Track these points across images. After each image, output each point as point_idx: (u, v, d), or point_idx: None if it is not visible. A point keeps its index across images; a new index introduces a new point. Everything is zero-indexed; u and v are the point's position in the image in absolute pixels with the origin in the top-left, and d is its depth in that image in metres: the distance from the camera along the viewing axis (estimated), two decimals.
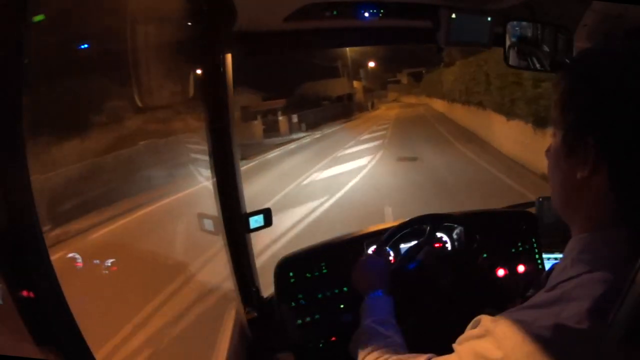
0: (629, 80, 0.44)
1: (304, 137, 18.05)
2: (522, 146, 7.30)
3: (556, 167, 0.52)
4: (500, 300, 1.01)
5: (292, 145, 15.37)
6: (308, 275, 1.21)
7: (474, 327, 0.51)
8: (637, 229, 0.45)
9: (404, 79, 59.54)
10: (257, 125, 19.23)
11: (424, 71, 52.09)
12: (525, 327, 0.44)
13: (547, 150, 0.55)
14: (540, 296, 0.48)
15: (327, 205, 6.08)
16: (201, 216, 1.16)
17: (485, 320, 0.49)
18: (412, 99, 48.50)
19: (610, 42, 0.52)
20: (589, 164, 0.46)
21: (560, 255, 0.52)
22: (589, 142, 0.46)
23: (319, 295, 1.18)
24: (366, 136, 15.02)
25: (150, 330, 1.85)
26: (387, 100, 54.78)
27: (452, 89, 16.17)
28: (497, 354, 0.45)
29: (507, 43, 1.07)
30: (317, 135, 18.39)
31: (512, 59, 1.09)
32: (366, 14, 1.02)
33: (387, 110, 32.85)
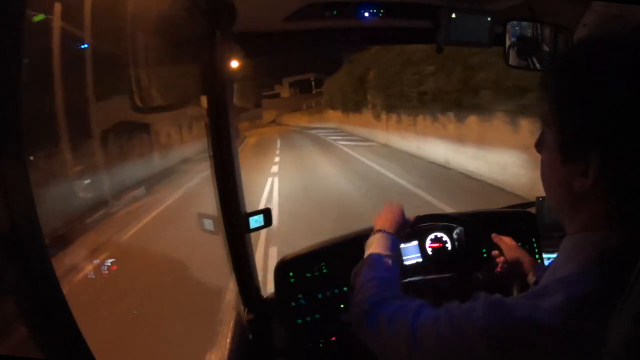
0: (633, 80, 0.41)
1: None
2: None
3: (552, 171, 0.50)
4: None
5: None
6: (308, 275, 1.21)
7: (472, 299, 0.52)
8: (630, 233, 0.44)
9: (285, 90, 42.90)
10: None
11: (312, 78, 38.16)
12: (505, 312, 0.45)
13: (537, 146, 0.53)
14: (530, 290, 0.50)
15: None
16: (201, 216, 1.16)
17: (481, 294, 0.51)
18: (301, 119, 31.43)
19: (610, 36, 0.46)
20: (590, 175, 0.44)
21: None
22: (590, 153, 0.43)
23: (319, 295, 1.18)
24: None
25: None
26: (261, 122, 38.29)
27: None
28: (476, 323, 0.46)
29: (507, 43, 1.07)
30: None
31: (512, 58, 1.09)
32: (366, 14, 1.02)
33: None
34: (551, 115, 0.48)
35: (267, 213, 1.15)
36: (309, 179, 8.16)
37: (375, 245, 0.84)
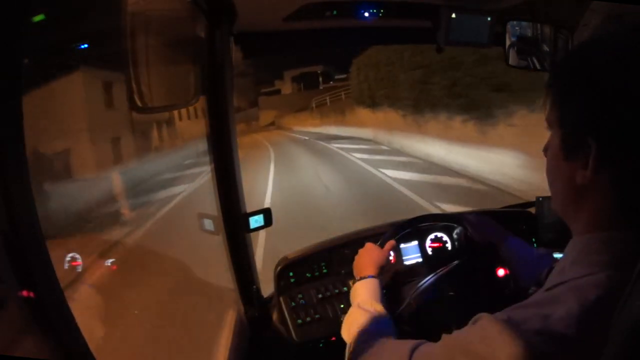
0: (629, 75, 0.42)
1: None
2: None
3: (555, 169, 0.50)
4: (501, 300, 1.01)
5: None
6: (308, 275, 1.21)
7: (472, 323, 0.51)
8: (637, 231, 0.44)
9: (287, 86, 36.54)
10: None
11: (319, 71, 32.64)
12: (514, 328, 0.44)
13: (545, 150, 0.54)
14: (537, 295, 0.48)
15: None
16: (201, 216, 1.16)
17: (482, 317, 0.49)
18: (309, 121, 22.62)
19: (608, 36, 0.49)
20: (589, 167, 0.44)
21: (560, 255, 0.52)
22: (589, 143, 0.44)
23: (319, 295, 1.18)
24: None
25: None
26: (258, 124, 31.98)
27: None
28: (481, 350, 0.45)
29: (507, 43, 1.07)
30: None
31: (512, 58, 1.09)
32: (366, 14, 1.02)
33: None
34: (553, 115, 0.49)
35: (267, 213, 1.15)
36: None
37: (358, 294, 0.87)
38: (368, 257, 0.97)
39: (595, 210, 0.47)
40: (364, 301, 0.82)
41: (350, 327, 0.76)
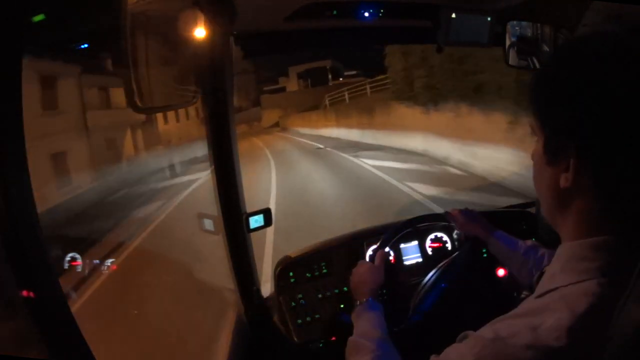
0: (607, 76, 0.42)
1: None
2: None
3: (540, 175, 0.50)
4: (501, 300, 1.01)
5: None
6: (308, 275, 1.21)
7: (459, 341, 0.50)
8: (625, 236, 0.44)
9: (292, 83, 33.31)
10: None
11: (328, 67, 30.13)
12: (502, 345, 0.43)
13: (533, 155, 0.53)
14: (527, 303, 0.47)
15: None
16: (201, 216, 1.16)
17: (468, 335, 0.49)
18: (322, 122, 18.64)
19: (586, 39, 0.49)
20: (571, 172, 0.44)
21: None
22: (569, 148, 0.44)
23: (319, 295, 1.18)
24: None
25: None
26: (260, 126, 29.69)
27: None
28: None
29: (507, 43, 1.07)
30: None
31: (512, 58, 1.09)
32: (366, 14, 1.02)
33: None
34: (535, 119, 0.49)
35: (267, 213, 1.15)
36: None
37: (358, 324, 0.87)
38: (363, 278, 0.97)
39: (581, 215, 0.46)
40: (364, 332, 0.83)
41: (352, 358, 0.78)
